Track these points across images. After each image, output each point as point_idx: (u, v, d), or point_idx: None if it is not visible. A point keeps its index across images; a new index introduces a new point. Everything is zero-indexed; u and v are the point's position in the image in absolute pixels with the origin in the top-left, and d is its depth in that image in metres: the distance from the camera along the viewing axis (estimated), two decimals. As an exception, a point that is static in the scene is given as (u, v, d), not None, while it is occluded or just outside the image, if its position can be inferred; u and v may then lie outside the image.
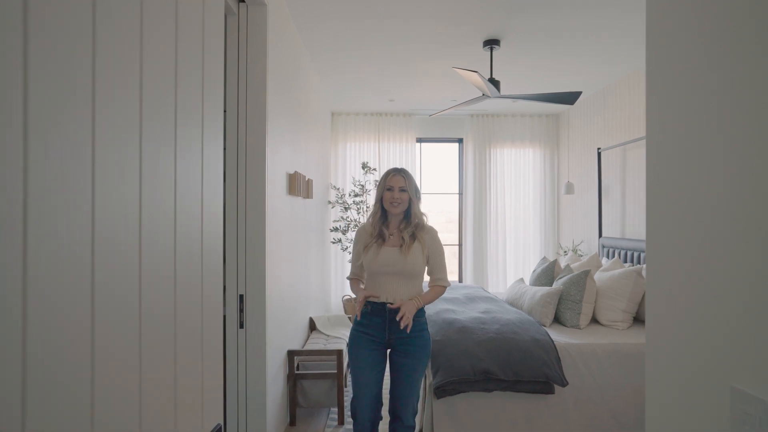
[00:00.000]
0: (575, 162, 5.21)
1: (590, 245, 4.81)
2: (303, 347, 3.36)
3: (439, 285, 2.02)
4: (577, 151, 5.17)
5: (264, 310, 2.31)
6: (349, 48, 3.56)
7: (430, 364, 2.38)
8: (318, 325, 3.76)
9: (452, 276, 6.28)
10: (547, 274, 3.44)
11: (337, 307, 5.48)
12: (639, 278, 2.85)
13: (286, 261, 2.83)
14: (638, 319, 2.96)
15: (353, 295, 2.03)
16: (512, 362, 2.33)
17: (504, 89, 4.26)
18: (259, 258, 2.29)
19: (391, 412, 1.99)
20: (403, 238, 1.96)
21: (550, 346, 2.43)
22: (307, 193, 3.52)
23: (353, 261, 2.13)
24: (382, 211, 2.04)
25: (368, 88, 4.76)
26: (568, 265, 3.27)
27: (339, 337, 3.56)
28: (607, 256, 4.07)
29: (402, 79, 4.44)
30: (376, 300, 1.94)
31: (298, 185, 3.04)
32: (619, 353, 2.47)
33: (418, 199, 2.04)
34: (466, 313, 2.86)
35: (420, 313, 1.95)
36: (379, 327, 1.93)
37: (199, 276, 0.83)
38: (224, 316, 2.28)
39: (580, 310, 2.87)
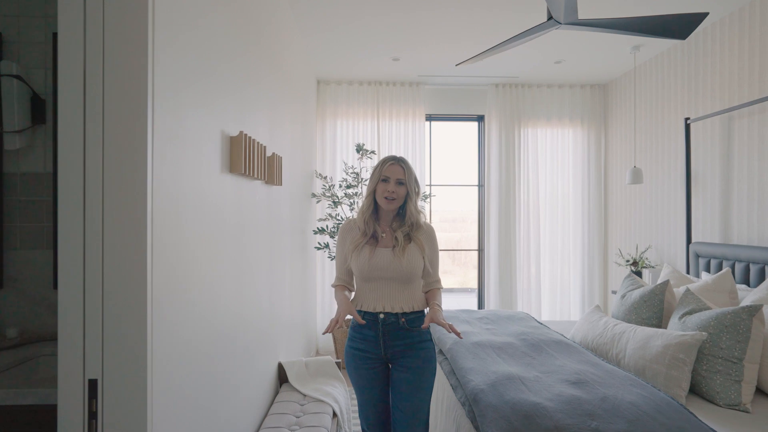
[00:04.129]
0: (641, 142, 3.95)
1: (662, 252, 3.58)
2: (263, 419, 2.09)
3: (437, 288, 1.82)
4: (642, 127, 3.92)
5: (145, 407, 1.08)
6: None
7: None
8: (290, 377, 2.49)
9: (471, 285, 5.01)
10: (651, 303, 2.19)
11: (325, 344, 4.19)
12: None
13: (223, 286, 1.57)
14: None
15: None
16: None
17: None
18: (134, 293, 1.10)
19: None
20: (396, 238, 1.75)
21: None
22: (272, 176, 2.26)
23: (338, 263, 1.84)
24: (374, 206, 1.80)
25: (366, 44, 3.50)
26: (689, 291, 2.02)
27: (321, 399, 2.29)
28: (708, 270, 2.84)
29: (411, 29, 3.19)
30: (372, 311, 1.71)
31: (248, 159, 1.78)
32: None
33: (417, 194, 1.80)
34: (544, 385, 1.60)
35: (420, 321, 1.72)
36: (373, 341, 1.71)
37: None
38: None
39: (741, 376, 1.63)
